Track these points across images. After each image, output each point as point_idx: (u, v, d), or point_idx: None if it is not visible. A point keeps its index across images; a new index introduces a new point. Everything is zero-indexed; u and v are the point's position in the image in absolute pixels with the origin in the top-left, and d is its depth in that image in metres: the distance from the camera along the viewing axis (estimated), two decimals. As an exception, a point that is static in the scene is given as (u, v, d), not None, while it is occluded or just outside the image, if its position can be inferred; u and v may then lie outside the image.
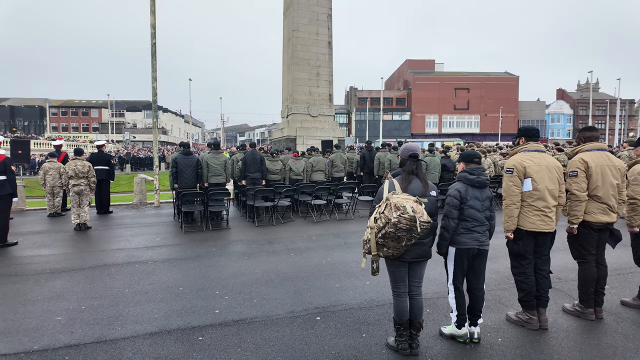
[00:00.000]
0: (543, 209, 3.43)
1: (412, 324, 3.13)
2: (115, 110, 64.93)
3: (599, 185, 3.61)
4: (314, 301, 4.21)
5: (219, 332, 3.54)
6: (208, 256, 6.02)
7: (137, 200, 11.68)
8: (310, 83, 16.72)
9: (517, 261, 3.60)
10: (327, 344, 3.31)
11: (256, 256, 6.00)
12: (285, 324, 3.67)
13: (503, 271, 5.01)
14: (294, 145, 15.76)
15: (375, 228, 2.89)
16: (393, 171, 3.28)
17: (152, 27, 11.50)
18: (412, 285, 3.16)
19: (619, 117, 46.44)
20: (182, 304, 4.16)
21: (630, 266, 4.84)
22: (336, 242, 6.89)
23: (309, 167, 10.37)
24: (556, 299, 4.12)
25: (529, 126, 3.74)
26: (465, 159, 3.41)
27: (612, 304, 4.07)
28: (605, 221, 3.65)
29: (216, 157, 8.93)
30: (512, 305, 4.02)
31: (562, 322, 3.71)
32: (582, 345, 3.29)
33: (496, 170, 11.46)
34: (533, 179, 3.44)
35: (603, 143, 3.92)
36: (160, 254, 6.20)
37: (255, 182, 9.02)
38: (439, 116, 57.16)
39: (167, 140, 62.17)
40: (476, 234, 3.23)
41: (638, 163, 4.05)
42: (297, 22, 16.38)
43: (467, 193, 3.24)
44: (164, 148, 40.74)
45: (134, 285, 4.77)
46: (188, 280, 4.91)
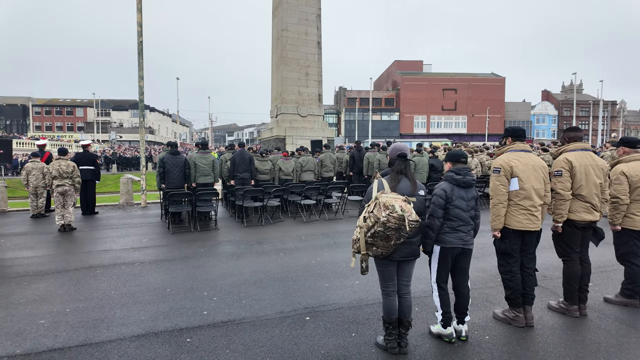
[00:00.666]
0: (529, 208, 3.49)
1: (401, 323, 3.15)
2: (101, 110, 63.85)
3: (583, 185, 3.69)
4: (304, 301, 4.20)
5: (207, 333, 3.50)
6: (196, 257, 5.96)
7: (123, 200, 11.50)
8: (300, 83, 16.69)
9: (504, 259, 3.64)
10: (316, 343, 3.31)
11: (245, 257, 5.96)
12: (275, 325, 3.66)
13: (490, 270, 5.07)
14: (283, 145, 15.71)
15: (365, 227, 2.91)
16: (382, 171, 3.29)
17: (138, 25, 11.34)
18: (401, 284, 3.18)
19: (601, 118, 47.52)
20: (169, 306, 4.11)
21: (612, 264, 4.95)
22: (325, 242, 6.90)
23: (299, 167, 10.35)
24: (542, 296, 4.19)
25: (516, 127, 3.79)
26: (452, 159, 3.44)
27: (595, 300, 4.15)
28: (588, 220, 3.72)
29: (204, 157, 8.85)
30: (499, 303, 4.07)
31: (547, 319, 3.77)
32: (566, 341, 3.35)
33: (483, 170, 11.62)
34: (519, 179, 3.49)
35: (587, 143, 4.00)
36: (147, 255, 6.11)
37: (244, 182, 8.97)
38: (427, 117, 57.67)
39: (154, 140, 61.43)
40: (461, 233, 3.27)
41: (620, 163, 4.14)
42: (286, 21, 16.33)
43: (452, 193, 3.27)
44: (151, 148, 40.21)
45: (120, 287, 4.70)
46: (176, 282, 4.86)
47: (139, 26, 11.34)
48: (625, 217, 4.02)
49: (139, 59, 11.34)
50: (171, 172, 8.39)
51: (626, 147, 4.20)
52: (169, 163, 8.41)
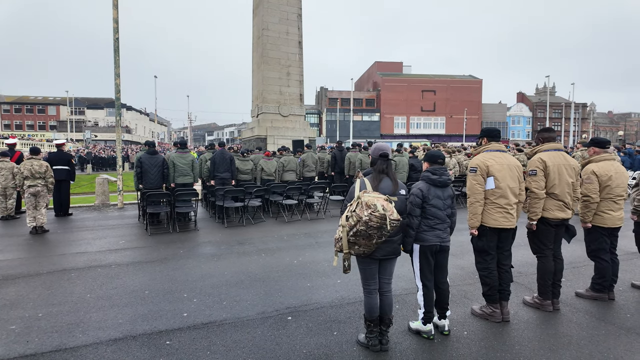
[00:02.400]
0: (505, 206, 3.59)
1: (382, 320, 3.18)
2: (75, 108, 61.80)
3: (556, 184, 3.82)
4: (285, 301, 4.19)
5: (187, 335, 3.45)
6: (175, 258, 5.85)
7: (99, 201, 11.18)
8: (281, 82, 16.63)
9: (481, 257, 3.74)
10: (298, 343, 3.30)
11: (226, 257, 5.90)
12: (256, 325, 3.64)
13: (468, 267, 5.19)
14: (265, 144, 15.62)
15: (347, 226, 2.93)
16: (364, 170, 3.33)
17: (114, 22, 11.05)
18: (383, 282, 3.22)
19: (573, 120, 49.30)
20: (148, 308, 4.02)
21: (583, 260, 5.14)
22: (307, 241, 6.90)
23: (281, 167, 10.32)
24: (517, 292, 4.32)
25: (491, 127, 3.90)
26: (429, 159, 3.51)
27: (567, 295, 4.31)
28: (561, 217, 3.86)
29: (183, 157, 8.70)
30: (476, 299, 4.17)
31: (522, 314, 3.89)
32: (541, 335, 3.46)
33: (461, 169, 11.86)
34: (495, 178, 3.59)
35: (560, 144, 4.14)
36: (125, 257, 5.97)
37: (225, 182, 8.86)
38: (407, 117, 58.45)
39: (131, 140, 59.92)
40: (438, 231, 3.34)
41: (590, 163, 4.31)
42: (267, 20, 16.24)
43: (429, 192, 3.34)
44: (127, 147, 39.23)
45: (96, 290, 4.57)
46: (154, 284, 4.76)
47: (114, 22, 11.05)
48: (596, 215, 4.18)
49: (115, 56, 11.05)
50: (149, 172, 8.21)
51: (596, 148, 4.37)
52: (147, 163, 8.23)
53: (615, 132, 76.99)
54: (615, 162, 4.27)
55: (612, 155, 4.33)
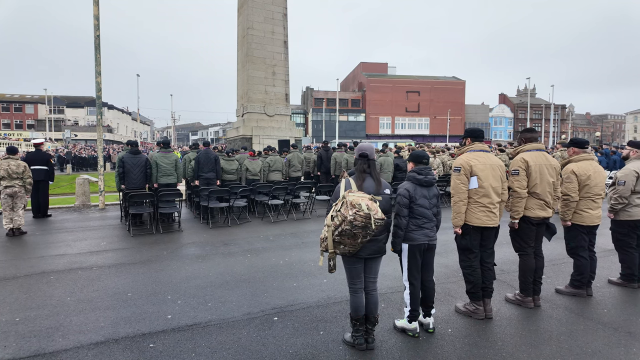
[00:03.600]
0: (488, 205, 3.65)
1: (368, 319, 3.20)
2: (54, 106, 60.12)
3: (538, 183, 3.91)
4: (271, 302, 4.17)
5: (171, 338, 3.40)
6: (159, 260, 5.76)
7: (79, 202, 10.92)
8: (266, 82, 16.54)
9: (465, 255, 3.79)
10: (284, 343, 3.29)
11: (211, 258, 5.83)
12: (242, 326, 3.61)
13: (452, 265, 5.26)
14: (250, 144, 15.51)
15: (332, 226, 2.94)
16: (349, 170, 3.34)
17: (95, 19, 10.81)
18: (368, 281, 3.24)
19: (552, 121, 50.57)
20: (131, 311, 3.95)
21: (563, 257, 5.28)
22: (294, 241, 6.88)
23: (266, 166, 10.27)
24: (499, 289, 4.40)
25: (475, 128, 3.97)
26: (414, 159, 3.55)
27: (547, 292, 4.41)
28: (542, 216, 3.95)
29: (166, 157, 8.56)
30: (460, 297, 4.23)
31: (505, 310, 3.97)
32: (522, 331, 3.54)
33: (445, 169, 12.03)
34: (478, 177, 3.65)
35: (541, 144, 4.24)
36: (107, 259, 5.84)
37: (210, 182, 8.77)
38: (392, 118, 58.95)
39: (113, 139, 58.69)
40: (426, 230, 3.39)
41: (570, 162, 4.42)
42: (252, 20, 16.13)
43: (415, 192, 3.38)
44: (109, 147, 38.39)
45: (77, 292, 4.46)
46: (137, 286, 4.67)
47: (95, 19, 10.81)
48: (575, 214, 4.30)
49: (95, 54, 10.82)
50: (131, 172, 8.06)
51: (576, 148, 4.49)
52: (129, 163, 8.07)
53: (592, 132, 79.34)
54: (593, 162, 4.40)
55: (590, 155, 4.45)
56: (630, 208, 4.51)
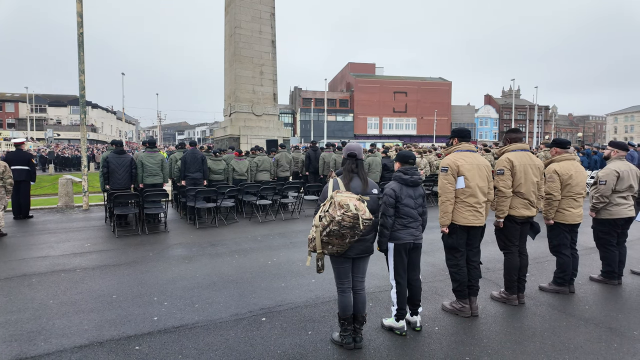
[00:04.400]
0: (474, 204, 3.70)
1: (355, 318, 3.22)
2: (36, 105, 58.73)
3: (522, 183, 3.98)
4: (260, 302, 4.15)
5: (157, 339, 3.35)
6: (144, 261, 5.67)
7: (62, 203, 10.68)
8: (254, 81, 16.45)
9: (451, 254, 3.84)
10: (272, 344, 3.28)
11: (197, 259, 5.78)
12: (230, 327, 3.58)
13: (438, 264, 5.32)
14: (238, 144, 15.40)
15: (320, 226, 2.94)
16: (337, 170, 3.35)
17: (78, 16, 10.60)
18: (356, 281, 3.25)
19: (536, 122, 51.57)
20: (116, 313, 3.88)
21: (546, 255, 5.39)
22: (282, 242, 6.86)
23: (254, 166, 10.21)
24: (485, 287, 4.47)
25: (462, 128, 4.01)
26: (401, 159, 3.58)
27: (531, 289, 4.50)
28: (527, 215, 4.02)
29: (152, 156, 8.45)
30: (447, 295, 4.28)
31: (490, 308, 4.03)
32: (507, 328, 3.60)
33: (431, 169, 12.15)
34: (465, 177, 3.69)
35: (526, 144, 4.31)
36: (91, 260, 5.73)
37: (196, 182, 8.68)
38: (380, 118, 59.31)
39: (97, 139, 57.62)
40: (411, 229, 3.41)
41: (553, 162, 4.52)
42: (240, 19, 16.03)
43: (401, 192, 3.41)
44: (93, 147, 37.66)
45: (60, 295, 4.36)
46: (122, 288, 4.60)
47: (79, 16, 10.60)
48: (558, 212, 4.39)
49: (79, 52, 10.60)
50: (116, 172, 7.93)
51: (558, 148, 4.59)
52: (114, 163, 7.94)
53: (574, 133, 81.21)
54: (575, 161, 4.50)
55: (572, 155, 4.55)
56: (611, 207, 4.63)
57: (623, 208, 4.60)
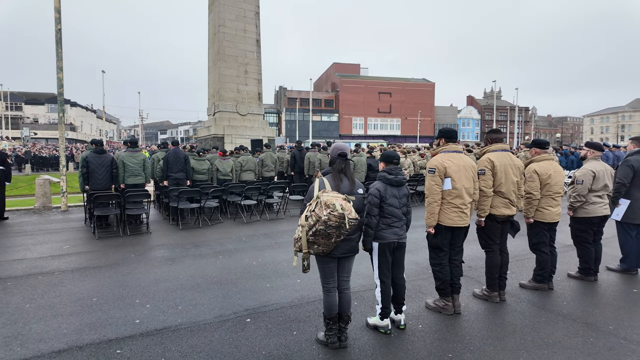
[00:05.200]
0: (460, 205, 3.75)
1: (341, 318, 3.23)
2: (11, 103, 56.83)
3: (503, 182, 4.06)
4: (244, 303, 4.12)
5: (139, 343, 3.29)
6: (126, 263, 5.56)
7: (39, 204, 10.37)
8: (239, 80, 16.32)
9: (435, 253, 3.89)
10: (257, 345, 3.26)
11: (181, 260, 5.69)
12: (214, 329, 3.55)
13: (422, 263, 5.38)
14: (222, 144, 15.25)
15: (306, 226, 2.94)
16: (323, 170, 3.36)
17: (56, 11, 10.31)
18: (341, 280, 3.26)
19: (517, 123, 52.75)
20: (96, 316, 3.79)
21: (526, 253, 5.51)
22: (267, 242, 6.83)
23: (238, 166, 10.13)
24: (467, 285, 4.54)
25: (449, 128, 4.05)
26: (385, 160, 3.61)
27: (512, 287, 4.60)
28: (507, 214, 4.11)
29: (133, 156, 8.29)
30: (430, 293, 4.34)
31: (472, 305, 4.10)
32: (489, 325, 3.67)
33: (415, 169, 12.29)
34: (452, 179, 3.73)
35: (506, 144, 4.40)
36: (69, 263, 5.58)
37: (179, 182, 8.56)
38: (365, 118, 59.64)
39: (76, 138, 56.16)
40: (395, 229, 3.45)
41: (532, 162, 4.63)
42: (224, 17, 15.88)
43: (386, 192, 3.43)
44: (72, 146, 36.69)
45: (37, 299, 4.23)
46: (103, 290, 4.49)
47: (56, 12, 10.31)
48: (537, 211, 4.50)
49: (57, 48, 10.31)
50: (96, 172, 7.74)
51: (537, 148, 4.71)
52: (94, 162, 7.76)
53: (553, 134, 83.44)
54: (554, 162, 4.62)
55: (551, 155, 4.68)
56: (587, 206, 4.77)
57: (599, 207, 4.75)
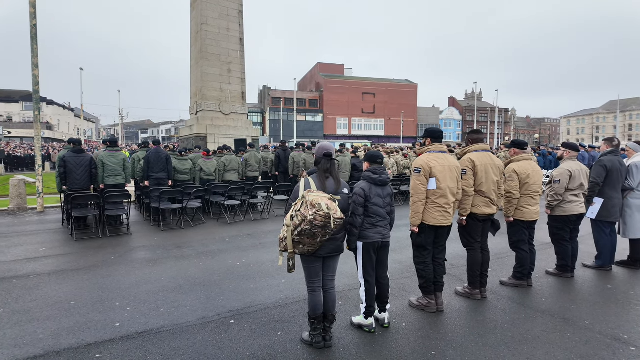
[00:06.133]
0: (444, 205, 3.80)
1: (325, 317, 3.23)
2: (-17, 100, 54.72)
3: (483, 182, 4.14)
4: (228, 304, 4.08)
5: (120, 346, 3.22)
6: (106, 265, 5.43)
7: (14, 205, 10.03)
8: (222, 79, 16.15)
9: (419, 252, 3.94)
10: (241, 346, 3.24)
11: (163, 262, 5.60)
12: (197, 331, 3.50)
13: (405, 261, 5.44)
14: (205, 143, 15.06)
15: (292, 226, 2.93)
16: (308, 170, 3.35)
17: (31, 6, 9.98)
18: (326, 280, 3.26)
19: (497, 124, 53.89)
20: (74, 320, 3.69)
21: (506, 251, 5.63)
22: (251, 242, 6.77)
23: (221, 166, 10.02)
24: (450, 283, 4.61)
25: (435, 128, 4.09)
26: (369, 159, 3.63)
27: (493, 284, 4.69)
28: (488, 213, 4.19)
29: (113, 156, 8.10)
30: (414, 291, 4.39)
31: (455, 303, 4.17)
32: (471, 322, 3.74)
33: (399, 169, 12.41)
34: (437, 179, 3.78)
35: (487, 145, 4.49)
36: (46, 265, 5.42)
37: (161, 182, 8.41)
38: (349, 119, 59.90)
39: (53, 137, 54.46)
40: (379, 228, 3.47)
41: (512, 162, 4.73)
42: (206, 15, 15.69)
43: (370, 191, 3.46)
44: (48, 145, 35.60)
45: (12, 303, 4.09)
46: (82, 293, 4.38)
47: (31, 7, 9.99)
48: (517, 210, 4.61)
49: (32, 45, 9.99)
50: (74, 172, 7.54)
51: (516, 149, 4.81)
52: (71, 162, 7.55)
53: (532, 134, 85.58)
54: (532, 161, 4.73)
55: (529, 155, 4.79)
56: (564, 204, 4.91)
57: (575, 205, 4.89)
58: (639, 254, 5.36)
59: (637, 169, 5.24)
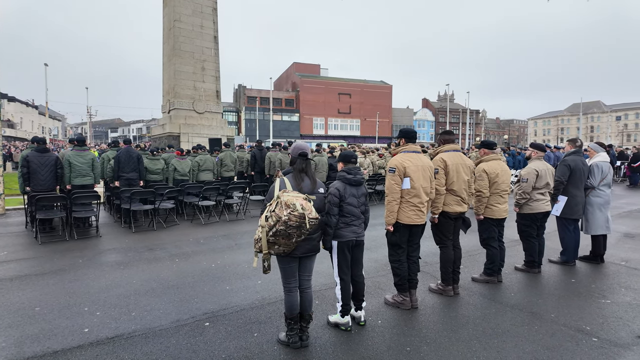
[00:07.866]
0: (418, 204, 3.87)
1: (302, 317, 3.23)
2: (-63, 96, 51.42)
3: (455, 181, 4.25)
4: (203, 307, 4.01)
5: (89, 353, 3.10)
6: (73, 269, 5.22)
7: (-29, 207, 9.47)
8: (195, 77, 15.84)
9: (394, 250, 4.00)
10: (216, 348, 3.19)
11: (134, 265, 5.43)
12: (170, 334, 3.42)
13: (381, 260, 5.51)
14: (178, 142, 14.74)
15: (267, 226, 2.91)
16: (284, 170, 3.34)
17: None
18: (303, 279, 3.26)
19: (468, 125, 55.43)
20: (39, 327, 3.53)
21: (477, 248, 5.81)
22: (226, 243, 6.68)
23: (195, 166, 9.83)
24: (424, 280, 4.71)
25: (409, 129, 4.17)
26: (343, 159, 3.66)
27: (465, 280, 4.83)
28: (459, 211, 4.31)
29: (81, 155, 7.80)
30: (389, 289, 4.45)
31: (429, 300, 4.26)
32: (444, 318, 3.83)
33: (374, 169, 12.56)
34: (411, 178, 3.85)
35: (458, 145, 4.61)
36: (8, 270, 5.15)
37: (132, 183, 8.17)
38: (325, 119, 60.06)
39: (15, 136, 51.80)
40: (354, 227, 3.51)
41: (482, 162, 4.88)
42: (179, 12, 15.35)
43: (345, 191, 3.49)
44: (10, 144, 33.83)
45: (-31, 311, 3.87)
46: (47, 299, 4.19)
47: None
48: (487, 208, 4.76)
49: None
50: (38, 172, 7.20)
51: (486, 149, 4.97)
52: (35, 162, 7.20)
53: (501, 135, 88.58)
54: (501, 161, 4.90)
55: (499, 155, 4.96)
56: (531, 202, 5.11)
57: (541, 203, 5.10)
58: (600, 249, 5.65)
59: (598, 168, 5.52)
